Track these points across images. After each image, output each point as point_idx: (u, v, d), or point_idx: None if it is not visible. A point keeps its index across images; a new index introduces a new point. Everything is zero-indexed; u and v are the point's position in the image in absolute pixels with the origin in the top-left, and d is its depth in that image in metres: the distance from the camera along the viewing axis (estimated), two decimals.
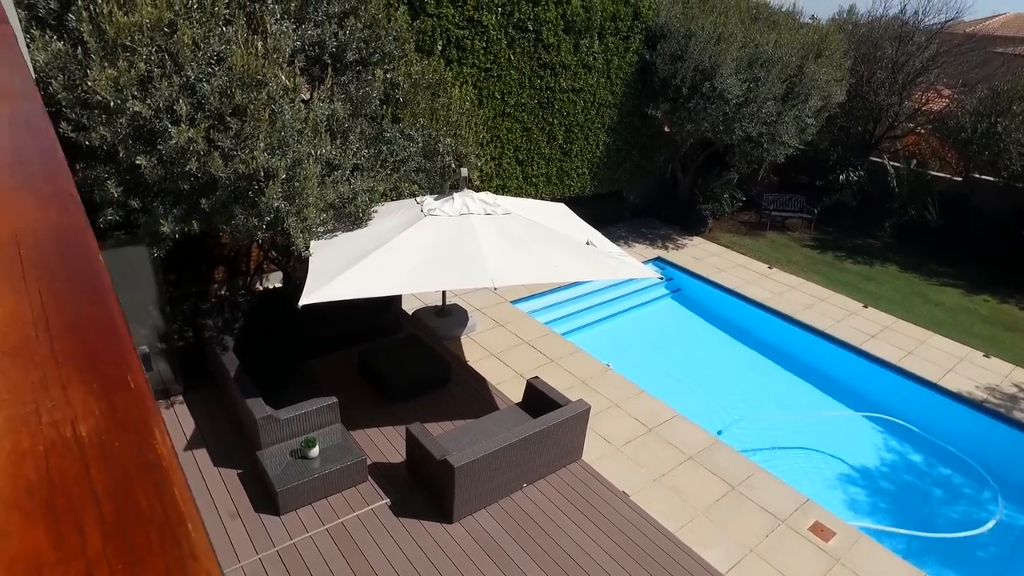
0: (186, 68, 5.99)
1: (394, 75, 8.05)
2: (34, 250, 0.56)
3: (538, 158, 13.36)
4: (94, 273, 0.54)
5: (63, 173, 0.78)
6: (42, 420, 0.35)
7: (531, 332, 10.74)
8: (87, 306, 0.48)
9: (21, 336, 0.42)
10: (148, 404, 0.36)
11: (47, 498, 0.29)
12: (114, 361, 0.40)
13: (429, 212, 7.29)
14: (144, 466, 0.32)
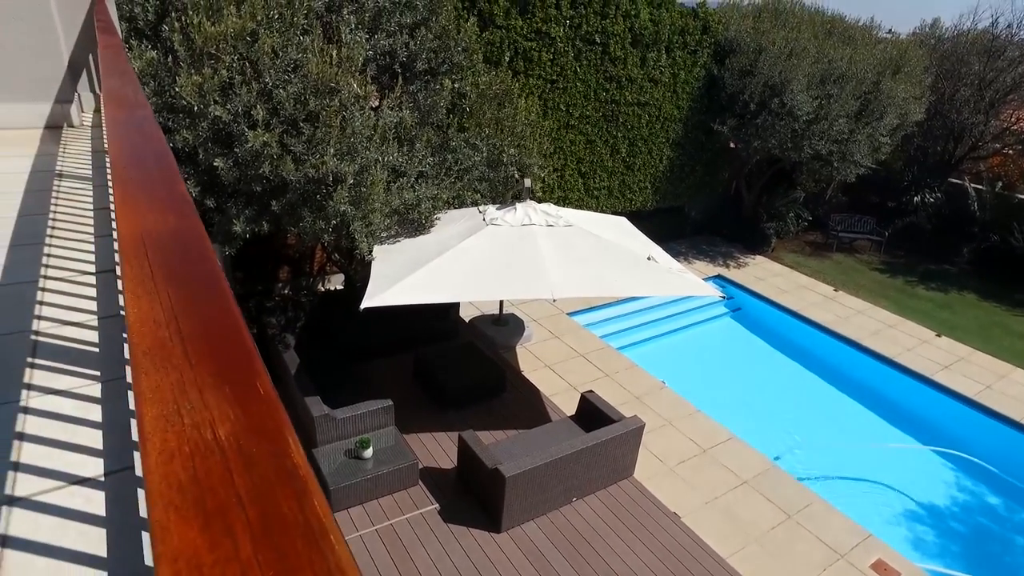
0: (264, 75, 6.22)
1: (461, 85, 8.17)
2: (159, 252, 0.58)
3: (600, 171, 13.30)
4: (215, 277, 0.56)
5: (176, 177, 0.81)
6: (184, 421, 0.35)
7: (587, 345, 10.66)
8: (212, 310, 0.49)
9: (156, 337, 0.44)
10: (280, 412, 0.37)
11: (197, 498, 0.30)
12: (244, 367, 0.41)
13: (491, 221, 7.34)
14: (284, 474, 0.32)
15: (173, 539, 0.28)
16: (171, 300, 0.49)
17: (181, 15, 6.43)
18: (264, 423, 0.36)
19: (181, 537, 0.28)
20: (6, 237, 3.47)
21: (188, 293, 0.51)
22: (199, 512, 0.29)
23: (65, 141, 5.42)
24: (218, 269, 0.58)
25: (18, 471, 1.86)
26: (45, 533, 1.66)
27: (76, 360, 2.41)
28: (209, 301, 0.50)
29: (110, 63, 1.78)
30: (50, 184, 4.35)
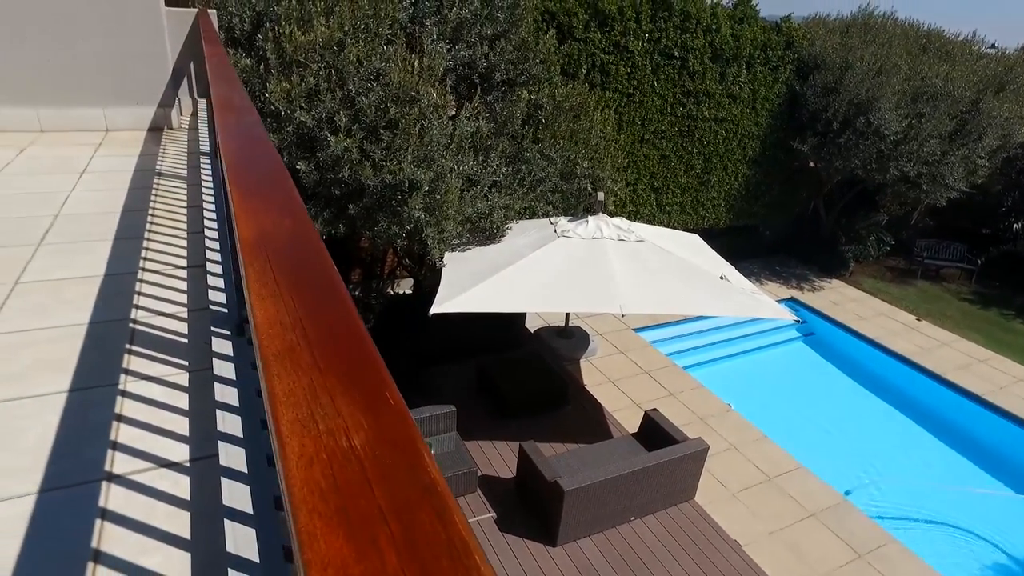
0: (348, 83, 6.44)
1: (538, 97, 8.22)
2: (278, 255, 0.60)
3: (674, 186, 13.10)
4: (334, 281, 0.57)
5: (289, 181, 0.84)
6: (319, 427, 0.36)
7: (652, 362, 10.48)
8: (335, 315, 0.51)
9: (284, 341, 0.45)
10: (412, 424, 0.37)
11: (340, 507, 0.31)
12: (372, 376, 0.42)
13: (562, 233, 7.33)
14: (422, 489, 0.32)
15: (321, 546, 0.28)
16: (294, 303, 0.51)
17: (275, 25, 6.74)
18: (396, 434, 0.37)
19: (329, 545, 0.28)
20: (111, 231, 3.70)
21: (310, 297, 0.53)
22: (343, 521, 0.30)
23: (164, 142, 5.76)
24: (336, 273, 0.60)
25: (116, 450, 1.97)
26: (137, 511, 1.75)
27: (167, 349, 2.54)
28: (331, 306, 0.52)
29: (219, 71, 1.88)
30: (150, 182, 4.63)
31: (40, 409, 2.15)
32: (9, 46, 5.48)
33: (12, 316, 2.73)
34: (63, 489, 1.83)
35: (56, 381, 2.31)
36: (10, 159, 4.97)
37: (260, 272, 0.56)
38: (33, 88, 5.70)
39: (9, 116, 5.67)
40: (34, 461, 1.92)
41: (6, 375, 2.32)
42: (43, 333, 2.62)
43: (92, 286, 3.04)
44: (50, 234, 3.62)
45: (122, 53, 5.82)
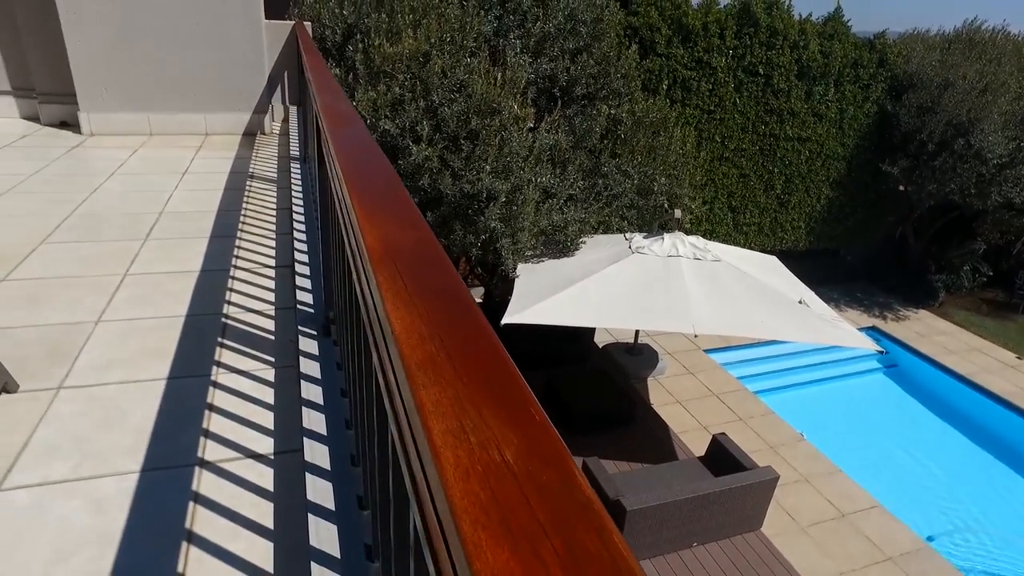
0: (432, 94, 6.59)
1: (618, 111, 8.18)
2: (406, 265, 0.63)
3: (752, 206, 12.75)
4: (462, 292, 0.59)
5: (404, 190, 0.88)
6: (470, 439, 0.37)
7: (722, 385, 10.19)
8: (469, 327, 0.52)
9: (425, 351, 0.47)
10: (559, 440, 0.38)
11: (501, 520, 0.32)
12: (515, 390, 0.43)
13: (637, 249, 7.25)
14: (578, 506, 0.33)
15: (488, 558, 0.29)
16: (428, 314, 0.53)
17: (364, 37, 6.98)
18: (546, 450, 0.37)
19: (495, 557, 0.29)
20: (208, 229, 3.92)
21: (442, 308, 0.55)
22: (506, 534, 0.30)
23: (257, 146, 6.05)
24: (463, 284, 0.61)
25: (207, 438, 2.08)
26: (225, 498, 1.84)
27: (255, 345, 2.66)
28: (463, 317, 0.53)
29: (322, 81, 1.96)
30: (243, 184, 4.87)
31: (143, 393, 2.29)
32: (129, 59, 5.91)
33: (121, 305, 2.93)
34: (162, 470, 1.94)
35: (157, 368, 2.46)
36: (124, 159, 5.34)
37: (390, 281, 0.58)
38: (146, 95, 6.11)
39: (126, 120, 6.11)
40: (137, 441, 2.05)
41: (116, 360, 2.49)
42: (147, 322, 2.79)
43: (190, 280, 3.23)
44: (155, 229, 3.87)
45: (225, 63, 6.17)
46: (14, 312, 2.82)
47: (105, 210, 4.16)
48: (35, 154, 5.35)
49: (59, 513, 1.76)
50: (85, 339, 2.64)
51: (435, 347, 0.48)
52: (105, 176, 4.87)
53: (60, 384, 2.33)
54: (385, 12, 6.99)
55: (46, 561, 1.61)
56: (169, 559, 1.65)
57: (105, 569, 1.61)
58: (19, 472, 1.90)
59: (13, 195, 4.30)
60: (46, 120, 6.37)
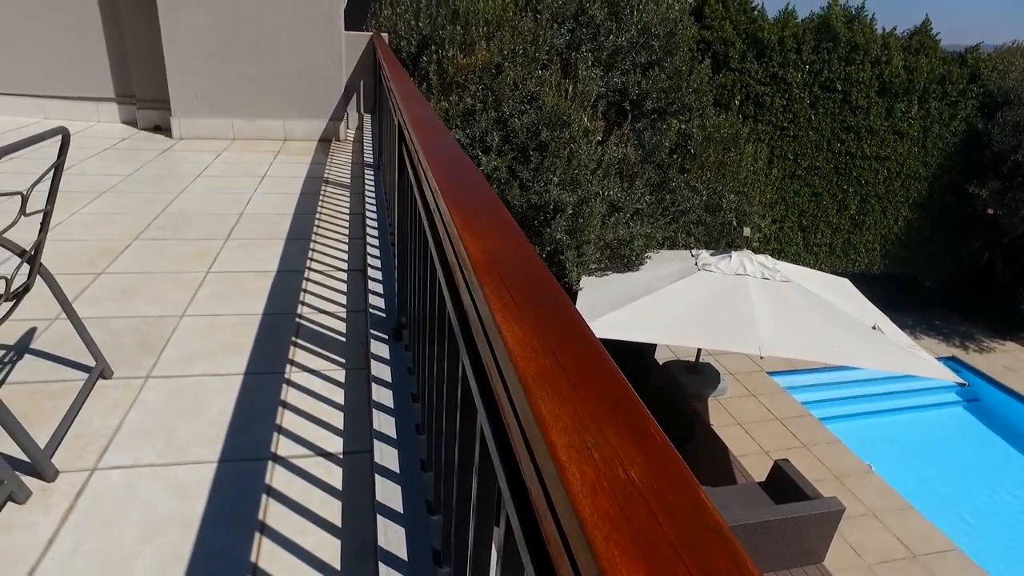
0: (503, 105, 6.66)
1: (688, 126, 8.07)
2: (510, 277, 0.64)
3: (824, 226, 12.32)
4: (568, 306, 0.60)
5: (498, 201, 0.89)
6: (594, 455, 0.38)
7: (785, 409, 9.85)
8: (579, 342, 0.53)
9: (539, 365, 0.47)
10: (681, 462, 0.38)
11: (633, 538, 0.32)
12: (632, 408, 0.43)
13: (703, 267, 7.11)
14: (710, 529, 0.33)
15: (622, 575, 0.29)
16: (538, 327, 0.53)
17: (439, 48, 7.13)
18: (670, 472, 0.38)
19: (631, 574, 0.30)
20: (284, 231, 4.07)
21: (551, 321, 0.55)
22: (640, 553, 0.31)
23: (332, 152, 6.26)
24: (567, 297, 0.62)
25: (280, 434, 2.15)
26: (296, 493, 1.90)
27: (327, 345, 2.74)
28: (573, 331, 0.54)
29: (407, 92, 2.01)
30: (318, 188, 5.04)
31: (222, 386, 2.40)
32: (219, 68, 6.23)
33: (204, 301, 3.07)
34: (237, 462, 2.01)
35: (235, 363, 2.56)
36: (209, 162, 5.61)
37: (497, 292, 0.59)
38: (231, 102, 6.42)
39: (212, 125, 6.43)
40: (215, 433, 2.14)
41: (198, 353, 2.61)
42: (227, 319, 2.91)
43: (267, 280, 3.36)
44: (236, 230, 4.04)
45: (305, 72, 6.42)
46: (110, 303, 2.99)
47: (191, 210, 4.37)
48: (131, 156, 5.69)
49: (146, 495, 1.85)
50: (171, 332, 2.78)
51: (549, 361, 0.48)
52: (191, 178, 5.13)
53: (148, 373, 2.46)
54: (460, 24, 7.12)
55: (135, 539, 1.70)
56: (244, 548, 1.71)
57: (186, 552, 1.68)
58: (113, 453, 2.01)
59: (112, 194, 4.58)
60: (142, 124, 6.77)
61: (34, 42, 6.52)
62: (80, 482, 1.89)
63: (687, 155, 8.09)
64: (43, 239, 2.09)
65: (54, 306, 2.82)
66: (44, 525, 1.73)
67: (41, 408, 2.20)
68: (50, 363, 2.48)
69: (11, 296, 2.03)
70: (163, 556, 1.66)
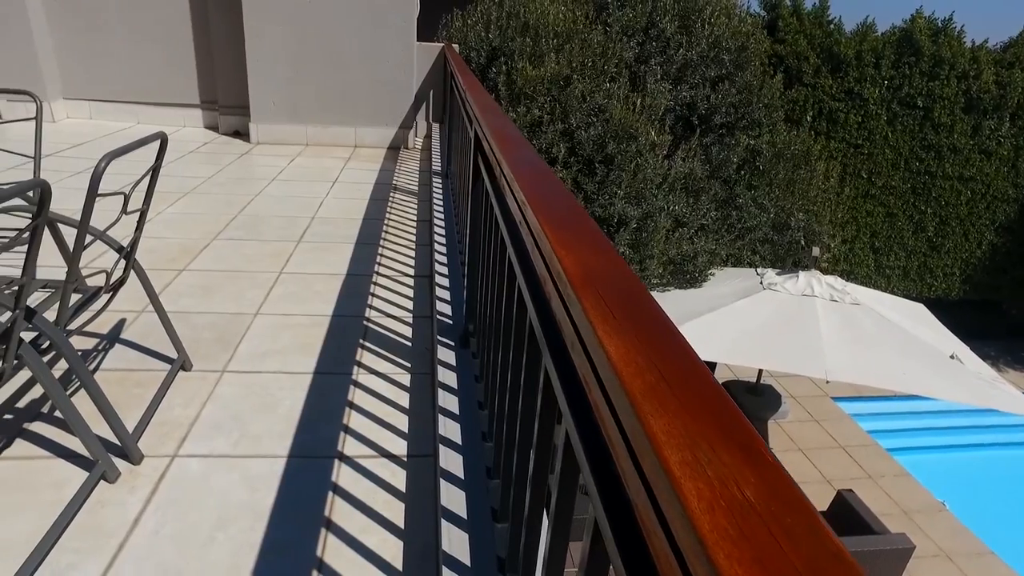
0: (571, 117, 6.68)
1: (757, 142, 7.91)
2: (608, 292, 0.64)
3: (898, 248, 11.82)
4: (666, 322, 0.60)
5: (586, 214, 0.90)
6: (708, 473, 0.38)
7: (849, 437, 9.45)
8: (682, 360, 0.53)
9: (645, 381, 0.48)
10: (795, 484, 0.38)
11: (754, 558, 0.32)
12: (740, 427, 0.43)
13: (769, 286, 6.93)
14: (831, 556, 0.33)
15: None
16: (639, 342, 0.54)
17: (508, 60, 7.21)
18: (785, 493, 0.37)
19: None
20: (354, 235, 4.18)
21: (651, 337, 0.56)
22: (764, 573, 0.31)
23: (400, 160, 6.40)
24: (665, 314, 0.62)
25: (347, 434, 2.21)
26: (361, 492, 1.94)
27: (393, 349, 2.80)
28: (673, 348, 0.54)
29: (484, 103, 2.05)
30: (387, 195, 5.16)
31: (292, 384, 2.48)
32: (296, 77, 6.48)
33: (277, 300, 3.19)
34: (305, 459, 2.08)
35: (305, 362, 2.64)
36: (284, 167, 5.83)
37: (596, 306, 0.60)
38: (306, 109, 6.66)
39: (287, 131, 6.68)
40: (286, 428, 2.22)
41: (271, 350, 2.71)
42: (298, 319, 3.01)
43: (336, 283, 3.46)
44: (307, 233, 4.18)
45: (378, 81, 6.60)
46: (191, 299, 3.14)
47: (266, 212, 4.55)
48: (212, 160, 5.96)
49: (221, 484, 1.93)
50: (246, 329, 2.89)
51: (654, 377, 0.49)
52: (267, 181, 5.34)
53: (224, 368, 2.57)
54: (530, 36, 7.19)
55: (211, 526, 1.77)
56: (310, 542, 1.76)
57: (256, 541, 1.74)
58: (191, 442, 2.11)
59: (194, 195, 4.82)
60: (223, 129, 7.10)
61: (130, 53, 6.93)
62: (162, 467, 1.99)
63: (755, 171, 7.91)
64: (138, 237, 2.22)
65: (141, 300, 2.99)
66: (131, 505, 1.82)
67: (129, 395, 2.32)
68: (137, 353, 2.62)
69: (109, 288, 2.16)
70: (236, 544, 1.73)
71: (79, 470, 1.94)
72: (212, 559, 1.68)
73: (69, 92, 7.01)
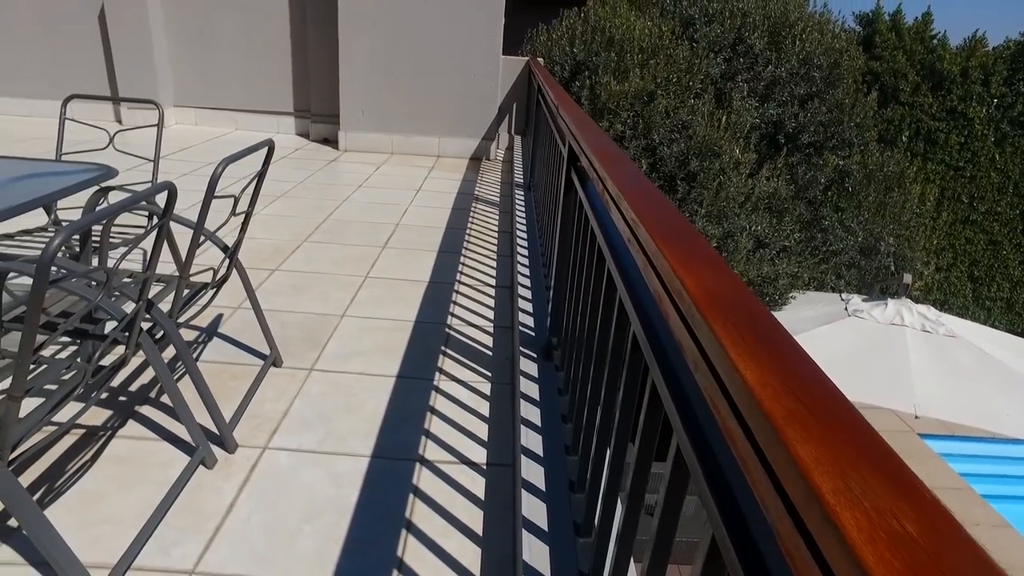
0: (653, 132, 6.63)
1: (847, 162, 7.61)
2: (732, 313, 0.64)
3: (1000, 278, 11.07)
4: (794, 344, 0.59)
5: (699, 235, 0.90)
6: (864, 504, 0.38)
7: (939, 478, 8.86)
8: (820, 388, 0.52)
9: (784, 406, 0.48)
10: (956, 521, 0.37)
11: None
12: (888, 457, 0.42)
13: (854, 312, 6.63)
14: None
15: None
16: (773, 366, 0.54)
17: (591, 75, 7.23)
18: (949, 531, 0.37)
19: None
20: (436, 243, 4.28)
21: (784, 363, 0.55)
22: None
23: (482, 171, 6.50)
24: (791, 337, 0.61)
25: (427, 438, 2.26)
26: (441, 496, 1.98)
27: (474, 358, 2.84)
28: (808, 374, 0.54)
29: (579, 118, 2.07)
30: (469, 205, 5.26)
31: (376, 386, 2.55)
32: (385, 88, 6.72)
33: (362, 303, 3.30)
34: (388, 460, 2.13)
35: (388, 365, 2.72)
36: (370, 174, 6.04)
37: (724, 328, 0.60)
38: (393, 118, 6.88)
39: (373, 140, 6.92)
40: (369, 428, 2.28)
41: (356, 352, 2.80)
42: (382, 322, 3.11)
43: (419, 289, 3.54)
44: (392, 239, 4.31)
45: (463, 93, 6.75)
46: (282, 298, 3.29)
47: (352, 217, 4.72)
48: (303, 165, 6.24)
49: (308, 479, 2.01)
50: (332, 329, 3.00)
51: (793, 403, 0.48)
52: (353, 187, 5.54)
53: (312, 366, 2.67)
54: (615, 51, 7.19)
55: (298, 518, 1.85)
56: (391, 541, 1.81)
57: (340, 536, 1.80)
58: (281, 435, 2.20)
59: (286, 199, 5.05)
60: (314, 137, 7.42)
61: (235, 65, 7.37)
62: (254, 457, 2.09)
63: (843, 193, 7.61)
64: (242, 238, 2.35)
65: (235, 297, 3.16)
66: (226, 491, 1.92)
67: (225, 387, 2.45)
68: (232, 347, 2.76)
69: (215, 285, 2.30)
70: (322, 537, 1.79)
71: (181, 454, 2.06)
72: (299, 550, 1.75)
73: (179, 100, 7.50)
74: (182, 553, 1.70)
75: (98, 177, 2.23)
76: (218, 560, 1.69)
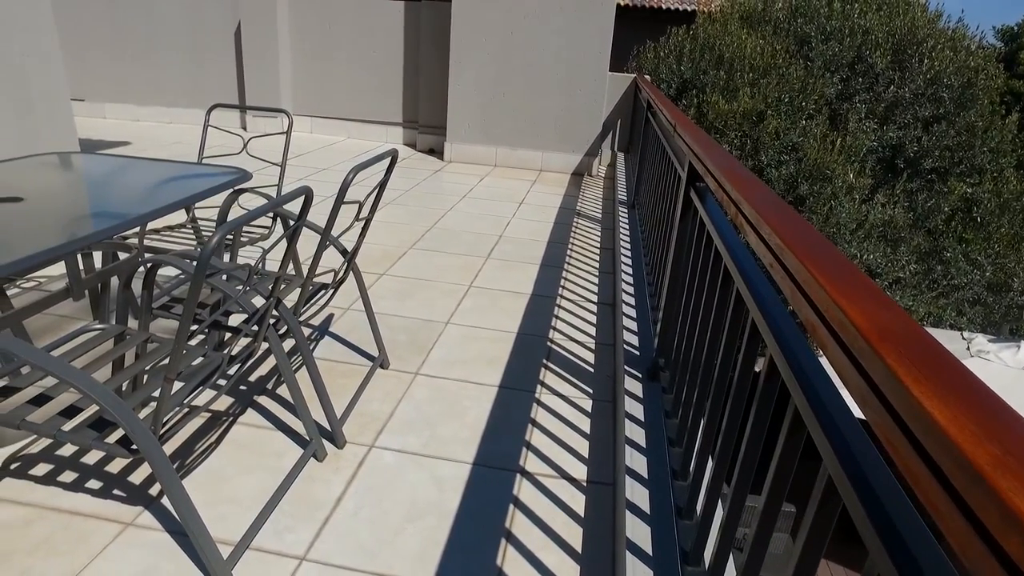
0: (761, 153, 6.42)
1: (977, 190, 7.07)
2: (907, 348, 0.61)
3: None
4: (981, 384, 0.56)
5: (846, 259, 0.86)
6: None
7: None
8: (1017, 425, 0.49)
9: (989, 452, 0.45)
10: None
11: None
12: None
13: (978, 353, 6.13)
14: None
15: None
16: (965, 408, 0.51)
17: (699, 93, 7.10)
18: None
19: None
20: (539, 257, 4.31)
21: (975, 403, 0.53)
22: None
23: (584, 186, 6.51)
24: (974, 375, 0.58)
25: (528, 450, 2.27)
26: (541, 510, 1.98)
27: (576, 373, 2.83)
28: (1004, 416, 0.51)
29: (698, 136, 2.04)
30: (570, 220, 5.27)
31: (479, 394, 2.60)
32: (492, 102, 6.88)
33: (466, 312, 3.37)
34: (489, 468, 2.16)
35: (491, 375, 2.76)
36: (473, 185, 6.18)
37: (901, 364, 0.58)
38: (498, 131, 7.01)
39: (478, 152, 7.08)
40: (471, 436, 2.32)
41: (459, 360, 2.86)
42: (485, 332, 3.16)
43: (521, 301, 3.58)
44: (495, 250, 4.38)
45: (569, 109, 6.79)
46: (389, 301, 3.42)
47: (456, 227, 4.83)
48: (410, 174, 6.47)
49: (411, 480, 2.07)
50: (437, 336, 3.08)
51: (998, 449, 0.46)
52: (458, 197, 5.68)
53: (417, 370, 2.75)
54: (724, 70, 7.03)
55: (402, 517, 1.90)
56: (491, 549, 1.82)
57: (442, 539, 1.84)
58: (386, 435, 2.28)
59: (394, 206, 5.25)
60: (420, 147, 7.68)
61: (350, 78, 7.77)
62: (361, 454, 2.17)
63: (970, 223, 7.07)
64: (361, 242, 2.46)
65: (347, 299, 3.30)
66: (335, 484, 2.01)
67: (335, 384, 2.57)
68: (342, 347, 2.89)
69: (334, 285, 2.42)
70: (423, 539, 1.84)
71: (294, 445, 2.17)
72: (402, 548, 1.80)
73: (298, 109, 7.98)
74: (294, 539, 1.79)
75: (236, 180, 2.40)
76: (326, 549, 1.77)
